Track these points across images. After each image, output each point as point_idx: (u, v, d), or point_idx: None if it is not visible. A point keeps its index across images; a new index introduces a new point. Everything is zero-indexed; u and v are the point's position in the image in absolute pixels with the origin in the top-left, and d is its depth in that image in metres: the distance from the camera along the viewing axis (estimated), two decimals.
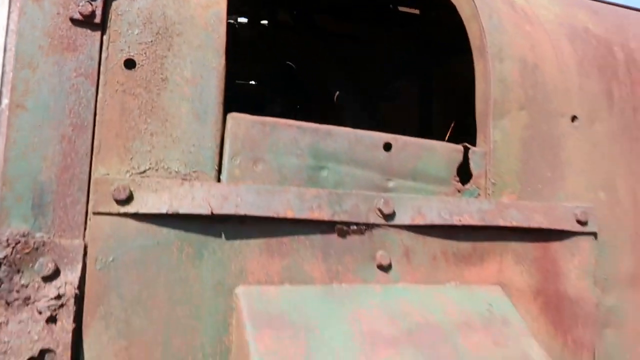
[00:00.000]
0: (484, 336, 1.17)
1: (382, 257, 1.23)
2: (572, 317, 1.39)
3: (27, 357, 0.95)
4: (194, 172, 1.11)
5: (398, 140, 1.29)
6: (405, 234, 1.25)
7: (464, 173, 1.36)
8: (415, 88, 2.56)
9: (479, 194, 1.35)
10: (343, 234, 1.21)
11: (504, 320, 1.23)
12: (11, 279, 0.97)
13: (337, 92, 2.50)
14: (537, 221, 1.36)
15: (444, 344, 1.12)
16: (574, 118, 1.47)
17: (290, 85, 2.70)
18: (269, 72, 2.71)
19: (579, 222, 1.41)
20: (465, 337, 1.15)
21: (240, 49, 2.45)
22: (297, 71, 2.69)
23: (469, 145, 1.36)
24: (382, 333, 1.10)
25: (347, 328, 1.09)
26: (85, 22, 1.04)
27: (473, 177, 1.35)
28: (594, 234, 1.44)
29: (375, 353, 1.06)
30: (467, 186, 1.35)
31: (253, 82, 2.89)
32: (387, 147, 1.27)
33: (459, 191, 1.34)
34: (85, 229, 1.03)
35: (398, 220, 1.24)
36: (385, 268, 1.23)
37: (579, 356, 1.40)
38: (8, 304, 0.96)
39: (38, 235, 1.00)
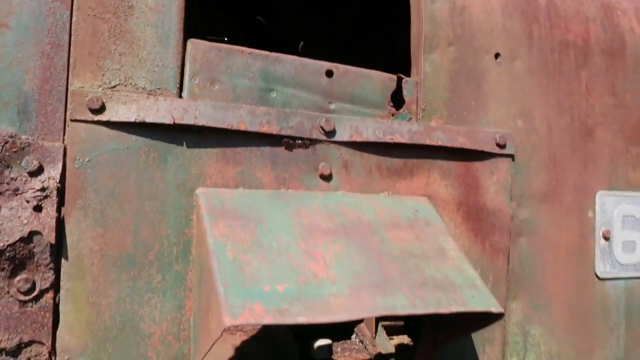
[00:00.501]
0: (408, 232, 1.39)
1: (323, 167, 1.43)
2: (490, 226, 1.62)
3: (18, 237, 1.13)
4: (159, 89, 1.29)
5: (339, 68, 1.47)
6: (344, 149, 1.45)
7: (398, 100, 1.56)
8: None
9: (410, 118, 1.55)
10: (289, 147, 1.40)
11: (426, 221, 1.45)
12: (2, 172, 1.14)
13: (302, 43, 2.66)
14: (461, 142, 1.57)
15: (372, 236, 1.33)
16: (497, 55, 1.67)
17: (260, 38, 2.85)
18: (238, 26, 2.85)
19: (498, 145, 1.63)
20: (391, 232, 1.36)
21: (211, 4, 2.59)
22: (266, 25, 2.84)
23: (402, 76, 1.55)
24: (320, 226, 1.31)
25: (290, 221, 1.29)
26: None
27: (405, 104, 1.55)
28: (511, 156, 1.66)
29: (313, 239, 1.26)
30: (400, 111, 1.55)
31: (225, 39, 3.03)
32: (329, 73, 1.46)
33: (392, 115, 1.54)
34: (64, 133, 1.20)
35: (338, 137, 1.44)
36: (326, 177, 1.43)
37: (495, 259, 1.63)
38: (0, 193, 1.14)
39: (24, 137, 1.17)
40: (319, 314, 1.09)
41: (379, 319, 2.68)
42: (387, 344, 2.55)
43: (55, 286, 1.17)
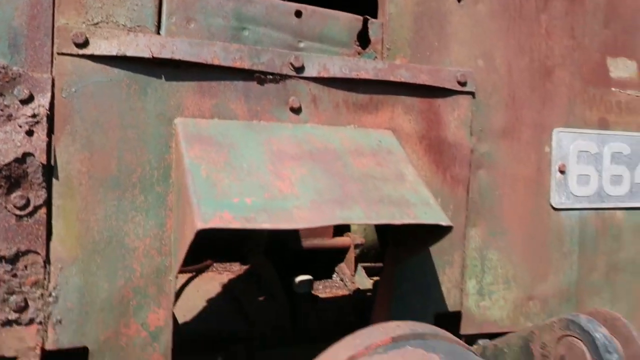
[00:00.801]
0: (370, 159, 1.52)
1: (293, 101, 1.55)
2: (451, 159, 1.75)
3: (12, 157, 1.26)
4: (138, 26, 1.40)
5: (307, 9, 1.58)
6: (313, 85, 1.57)
7: (364, 40, 1.67)
8: None
9: (375, 57, 1.67)
10: (261, 82, 1.52)
11: (389, 151, 1.58)
12: None
13: None
14: (423, 79, 1.69)
15: (336, 161, 1.46)
16: None
17: None
18: None
19: (459, 82, 1.75)
20: (354, 159, 1.50)
21: None
22: None
23: (368, 17, 1.66)
24: (288, 152, 1.44)
25: (261, 147, 1.42)
26: None
27: (371, 43, 1.66)
28: (472, 94, 1.78)
29: (281, 163, 1.40)
30: (366, 50, 1.66)
31: None
32: (298, 14, 1.57)
33: (359, 54, 1.65)
34: (52, 66, 1.32)
35: (307, 73, 1.56)
36: (296, 110, 1.56)
37: (456, 189, 1.77)
38: None
39: (15, 68, 1.28)
40: (282, 222, 1.23)
41: (358, 260, 2.85)
42: (366, 281, 2.72)
43: (48, 203, 1.31)
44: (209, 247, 2.69)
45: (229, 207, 1.22)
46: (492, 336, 1.82)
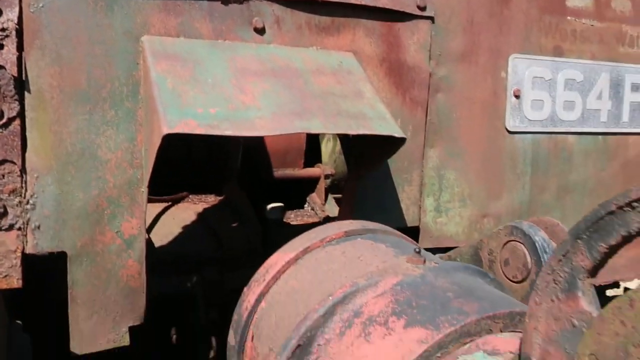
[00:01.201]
0: (331, 78, 1.60)
1: (257, 22, 1.61)
2: (410, 81, 1.84)
3: None
4: None
5: None
6: (276, 6, 1.63)
7: None
8: None
9: None
10: (225, 2, 1.57)
11: (349, 71, 1.66)
12: None
13: None
14: (383, 2, 1.75)
15: (298, 79, 1.54)
16: None
17: None
18: None
19: (418, 7, 1.81)
20: (315, 77, 1.57)
21: None
22: None
23: None
24: (251, 69, 1.51)
25: (225, 64, 1.49)
26: None
27: None
28: (431, 18, 1.85)
29: (244, 78, 1.47)
30: None
31: None
32: None
33: None
34: None
35: None
36: (260, 31, 1.62)
37: (415, 111, 1.87)
38: None
39: None
40: (244, 130, 1.32)
41: (329, 191, 2.96)
42: (336, 210, 2.84)
43: (21, 115, 1.37)
44: (185, 179, 2.77)
45: (193, 116, 1.30)
46: (448, 250, 1.96)
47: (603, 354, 0.65)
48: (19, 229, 1.40)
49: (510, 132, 2.05)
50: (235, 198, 2.68)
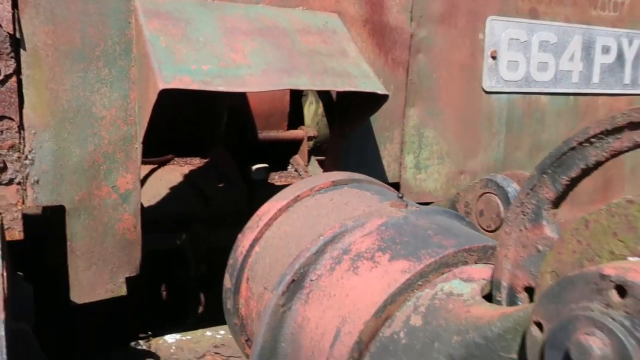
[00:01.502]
0: (317, 37, 1.66)
1: None
2: (392, 42, 1.91)
3: None
4: None
5: None
6: None
7: None
8: None
9: None
10: None
11: (334, 31, 1.72)
12: None
13: None
14: None
15: (285, 38, 1.60)
16: None
17: None
18: None
19: None
20: (302, 36, 1.63)
21: None
22: None
23: None
24: (241, 28, 1.56)
25: (215, 23, 1.54)
26: None
27: None
28: None
29: (234, 37, 1.52)
30: None
31: None
32: None
33: None
34: None
35: None
36: None
37: (396, 71, 1.94)
38: None
39: None
40: (236, 86, 1.38)
41: (311, 153, 3.04)
42: (319, 171, 2.92)
43: (17, 73, 1.41)
44: (171, 142, 2.82)
45: (187, 72, 1.36)
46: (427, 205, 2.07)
47: (562, 270, 0.75)
48: (19, 183, 1.45)
49: (486, 92, 2.14)
50: (221, 160, 2.74)
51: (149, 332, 1.98)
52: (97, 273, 1.59)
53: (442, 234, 1.05)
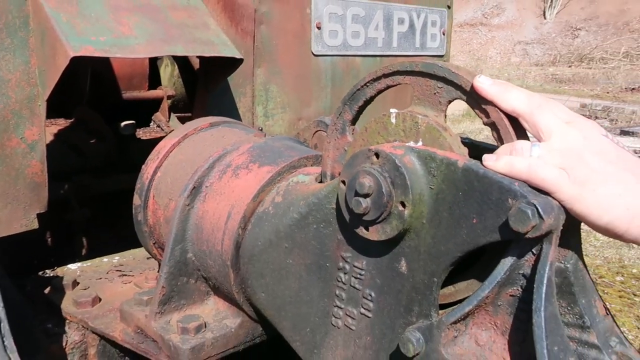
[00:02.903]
0: (183, 13, 2.11)
1: None
2: (240, 16, 2.42)
3: None
4: None
5: None
6: None
7: None
8: None
9: None
10: None
11: (196, 7, 2.18)
12: None
13: None
14: None
15: (159, 13, 2.03)
16: None
17: None
18: None
19: None
20: (172, 12, 2.07)
21: None
22: None
23: None
24: (122, 6, 1.96)
25: (101, 2, 1.91)
26: None
27: None
28: None
29: (119, 14, 1.92)
30: None
31: None
32: None
33: None
34: None
35: None
36: None
37: (245, 39, 2.46)
38: None
39: None
40: (129, 53, 1.81)
41: (171, 110, 3.44)
42: (178, 124, 3.35)
43: None
44: None
45: (90, 42, 1.75)
46: None
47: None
48: None
49: (315, 55, 2.75)
50: (89, 119, 3.04)
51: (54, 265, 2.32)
52: (13, 211, 1.93)
53: (290, 150, 1.64)
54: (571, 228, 1.15)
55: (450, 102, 1.24)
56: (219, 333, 1.58)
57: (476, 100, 1.18)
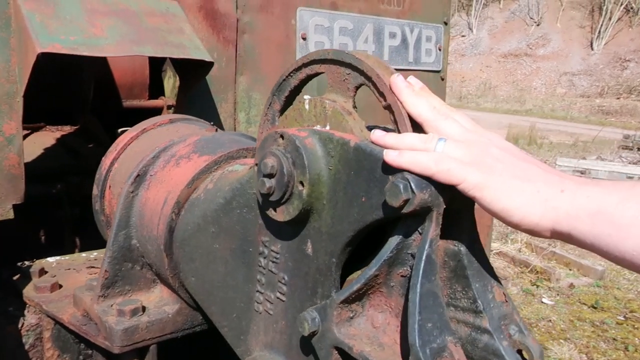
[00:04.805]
0: (160, 19, 2.22)
1: None
2: (222, 24, 2.52)
3: None
4: None
5: None
6: None
7: None
8: None
9: None
10: None
11: (174, 14, 2.29)
12: None
13: None
14: None
15: (135, 18, 2.15)
16: None
17: None
18: None
19: None
20: (148, 17, 2.19)
21: None
22: None
23: None
24: (99, 10, 2.08)
25: (79, 5, 2.05)
26: None
27: None
28: None
29: (94, 16, 2.04)
30: None
31: None
32: None
33: None
34: None
35: None
36: None
37: (227, 48, 2.56)
38: None
39: None
40: (96, 52, 1.92)
41: None
42: None
43: None
44: (43, 112, 3.21)
45: (58, 41, 1.87)
46: None
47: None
48: None
49: None
50: (90, 123, 3.19)
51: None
52: None
53: (234, 143, 1.69)
54: (464, 210, 1.15)
55: (357, 88, 1.27)
56: (155, 318, 1.62)
57: (375, 85, 1.20)
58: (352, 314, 1.20)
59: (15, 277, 2.07)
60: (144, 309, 1.63)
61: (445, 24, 3.46)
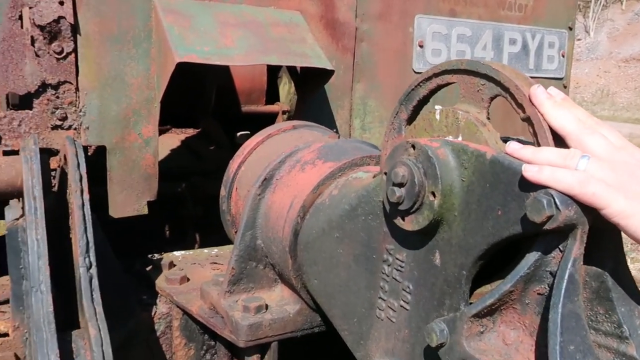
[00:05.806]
0: (284, 29, 2.31)
1: None
2: (341, 33, 2.57)
3: (52, 18, 1.96)
4: None
5: None
6: None
7: None
8: None
9: None
10: None
11: (297, 24, 2.37)
12: None
13: None
14: None
15: (261, 29, 2.25)
16: None
17: None
18: None
19: None
20: (273, 28, 2.28)
21: None
22: None
23: None
24: (229, 22, 2.21)
25: (211, 18, 2.18)
26: None
27: None
28: None
29: (225, 28, 2.17)
30: None
31: None
32: None
33: None
34: None
35: None
36: None
37: (345, 56, 2.60)
38: None
39: None
40: (227, 61, 2.03)
41: None
42: None
43: (75, 51, 2.04)
44: (170, 115, 3.45)
45: (194, 52, 2.01)
46: None
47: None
48: (75, 128, 2.09)
49: (416, 72, 2.81)
50: (212, 128, 3.38)
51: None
52: (127, 196, 2.23)
53: (356, 150, 1.72)
54: (610, 232, 1.09)
55: (492, 98, 1.25)
56: (277, 316, 1.68)
57: (513, 97, 1.17)
58: (483, 328, 1.17)
59: (147, 269, 2.24)
60: (266, 306, 1.70)
61: (570, 29, 3.28)
